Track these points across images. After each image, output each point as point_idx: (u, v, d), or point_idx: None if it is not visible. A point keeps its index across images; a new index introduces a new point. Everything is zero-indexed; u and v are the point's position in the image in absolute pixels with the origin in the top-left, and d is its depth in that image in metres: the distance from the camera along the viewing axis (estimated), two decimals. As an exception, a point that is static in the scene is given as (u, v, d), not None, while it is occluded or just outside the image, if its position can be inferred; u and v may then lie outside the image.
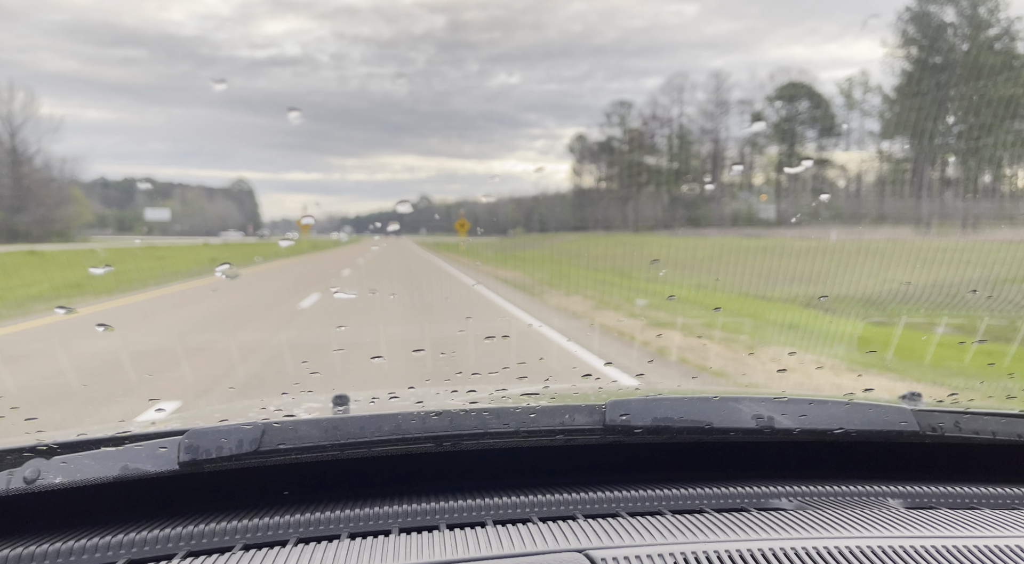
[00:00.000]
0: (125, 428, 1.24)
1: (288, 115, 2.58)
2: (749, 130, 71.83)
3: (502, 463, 1.31)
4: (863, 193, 40.19)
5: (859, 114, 56.74)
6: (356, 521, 1.08)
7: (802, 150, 57.95)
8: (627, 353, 8.65)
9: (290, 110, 2.57)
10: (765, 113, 60.35)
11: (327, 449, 1.16)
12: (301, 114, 2.68)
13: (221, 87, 3.16)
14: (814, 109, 58.50)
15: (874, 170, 48.55)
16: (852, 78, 55.54)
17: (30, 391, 5.93)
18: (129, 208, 70.08)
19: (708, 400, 1.29)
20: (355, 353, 7.47)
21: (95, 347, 7.96)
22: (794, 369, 7.42)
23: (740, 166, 64.59)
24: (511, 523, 1.06)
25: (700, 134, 65.11)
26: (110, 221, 68.93)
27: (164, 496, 1.19)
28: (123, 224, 67.58)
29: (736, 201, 52.49)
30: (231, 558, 0.97)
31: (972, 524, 1.07)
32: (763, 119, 61.92)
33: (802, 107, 58.88)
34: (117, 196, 71.76)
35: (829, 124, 57.66)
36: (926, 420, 1.29)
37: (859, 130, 56.66)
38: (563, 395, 1.72)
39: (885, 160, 46.36)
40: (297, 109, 2.65)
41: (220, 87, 3.08)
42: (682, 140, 65.25)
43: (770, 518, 1.08)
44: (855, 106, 56.40)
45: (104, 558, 0.99)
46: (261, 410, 1.59)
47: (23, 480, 1.06)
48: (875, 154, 51.70)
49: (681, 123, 65.22)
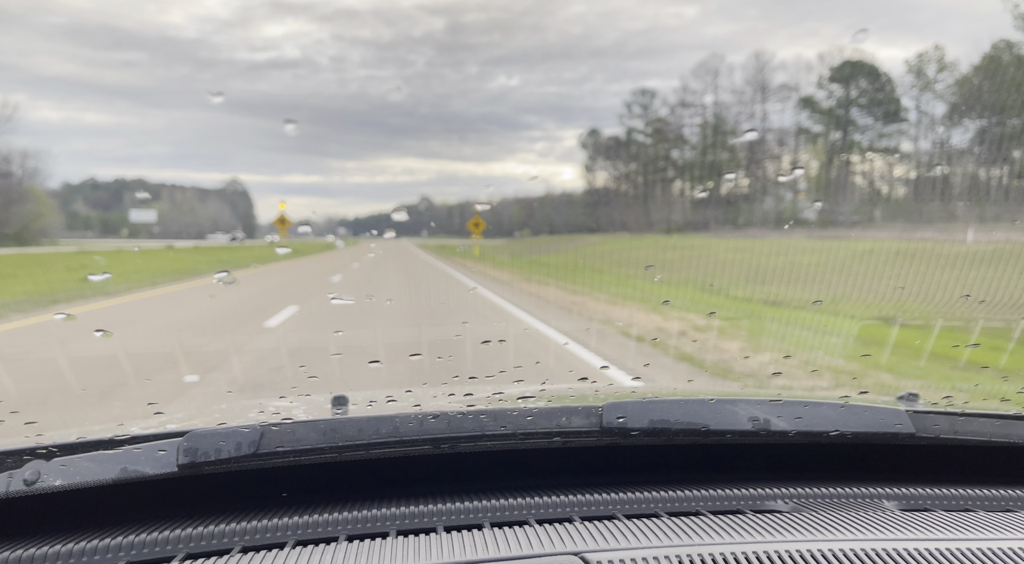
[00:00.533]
0: (124, 430, 1.24)
1: (285, 127, 2.57)
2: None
3: (499, 465, 1.31)
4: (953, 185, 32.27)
5: (931, 96, 48.31)
6: (354, 523, 1.08)
7: (861, 139, 50.13)
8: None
9: (287, 122, 2.57)
10: (816, 98, 52.48)
11: (325, 451, 1.16)
12: (297, 126, 2.67)
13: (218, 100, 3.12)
14: (875, 92, 50.38)
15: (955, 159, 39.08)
16: (924, 54, 47.41)
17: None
18: (117, 210, 68.28)
19: (704, 402, 1.29)
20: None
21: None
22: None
23: (788, 161, 54.83)
24: (508, 525, 1.07)
25: (738, 123, 57.54)
26: (94, 223, 67.22)
27: (163, 498, 1.19)
28: (108, 226, 65.59)
29: (782, 198, 45.25)
30: (230, 560, 0.97)
31: (967, 526, 1.08)
32: (815, 104, 52.79)
33: (860, 88, 50.60)
34: (106, 198, 70.54)
35: (894, 108, 49.46)
36: (921, 422, 1.30)
37: (930, 114, 48.37)
38: (560, 397, 1.73)
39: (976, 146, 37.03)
40: (294, 121, 2.64)
41: (217, 100, 3.03)
42: (716, 130, 57.40)
43: (766, 520, 1.08)
44: (928, 86, 47.82)
45: (103, 560, 0.99)
46: (259, 413, 1.60)
47: (23, 482, 1.06)
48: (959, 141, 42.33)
49: (715, 111, 57.74)
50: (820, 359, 7.79)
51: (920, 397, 1.48)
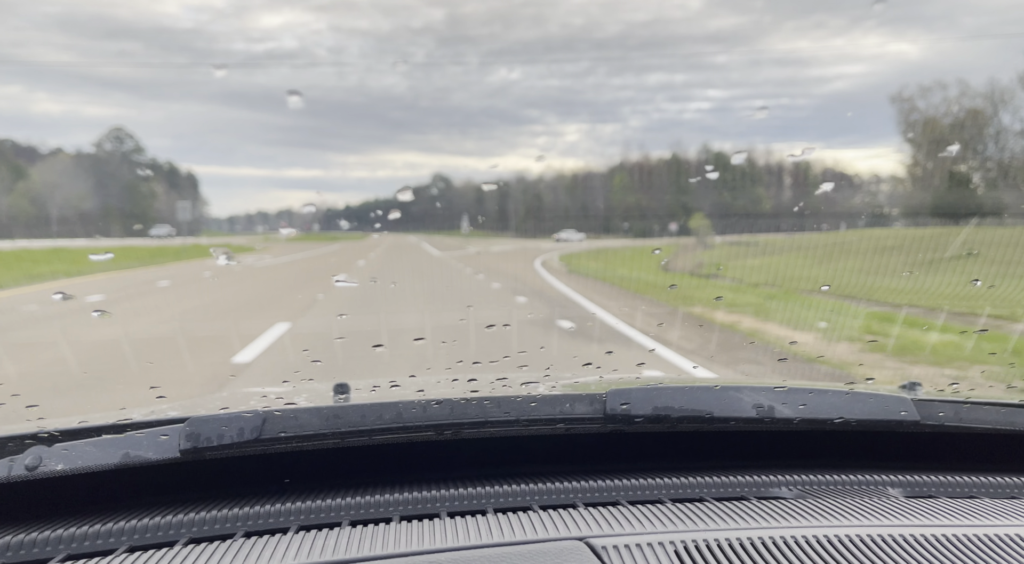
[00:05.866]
0: (126, 416, 1.24)
1: (288, 99, 2.49)
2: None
3: (503, 451, 1.31)
4: None
5: None
6: (357, 509, 1.08)
7: None
8: None
9: (290, 94, 2.50)
10: None
11: (328, 437, 1.16)
12: (302, 98, 2.58)
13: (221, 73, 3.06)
14: None
15: None
16: None
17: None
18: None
19: (709, 389, 1.29)
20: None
21: None
22: None
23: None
24: (512, 511, 1.07)
25: None
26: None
27: (165, 483, 1.19)
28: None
29: None
30: (232, 545, 0.97)
31: (971, 513, 1.07)
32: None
33: None
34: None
35: None
36: (926, 409, 1.30)
37: None
38: (564, 384, 1.72)
39: None
40: (298, 92, 2.55)
41: (220, 73, 2.96)
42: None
43: (770, 507, 1.08)
44: None
45: (106, 545, 0.99)
46: (262, 398, 1.60)
47: (24, 467, 1.06)
48: None
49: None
50: None
51: (923, 385, 1.48)
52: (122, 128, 66.99)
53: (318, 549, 0.95)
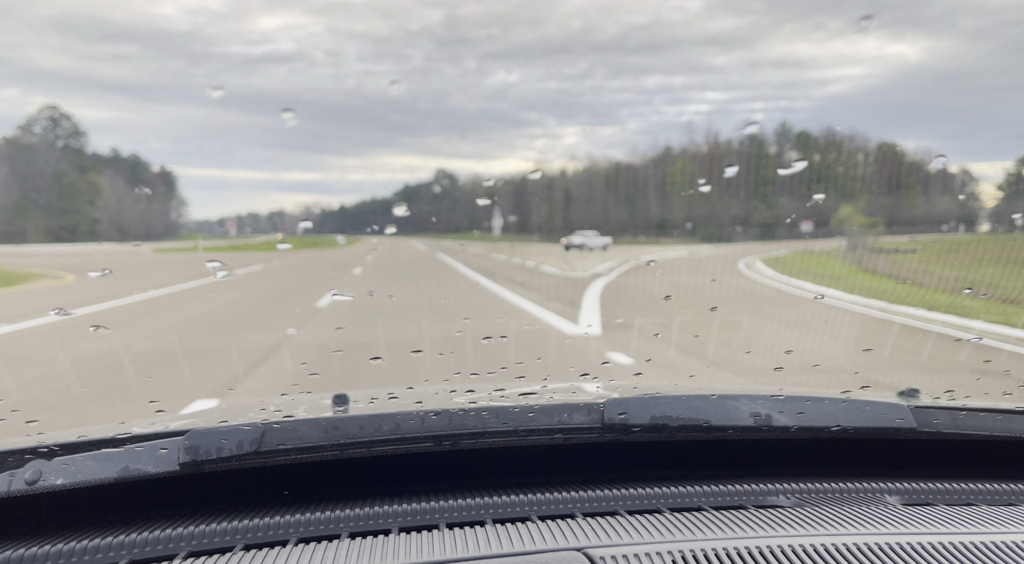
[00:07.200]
0: (126, 429, 1.24)
1: (282, 116, 2.52)
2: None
3: (501, 462, 1.31)
4: None
5: None
6: (356, 520, 1.08)
7: None
8: None
9: (284, 111, 2.52)
10: None
11: (327, 449, 1.16)
12: (296, 114, 2.59)
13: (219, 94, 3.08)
14: None
15: None
16: None
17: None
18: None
19: (706, 398, 1.29)
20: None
21: None
22: None
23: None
24: (510, 522, 1.07)
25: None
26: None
27: (165, 497, 1.19)
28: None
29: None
30: (232, 558, 0.97)
31: (969, 520, 1.08)
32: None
33: None
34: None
35: None
36: (923, 417, 1.30)
37: None
38: (562, 394, 1.73)
39: None
40: (291, 109, 2.56)
41: (217, 94, 2.97)
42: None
43: (768, 516, 1.08)
44: None
45: (106, 559, 0.99)
46: (261, 411, 1.60)
47: (24, 481, 1.06)
48: None
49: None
50: None
51: (921, 392, 1.48)
52: (57, 107, 59.23)
53: (317, 561, 0.95)
